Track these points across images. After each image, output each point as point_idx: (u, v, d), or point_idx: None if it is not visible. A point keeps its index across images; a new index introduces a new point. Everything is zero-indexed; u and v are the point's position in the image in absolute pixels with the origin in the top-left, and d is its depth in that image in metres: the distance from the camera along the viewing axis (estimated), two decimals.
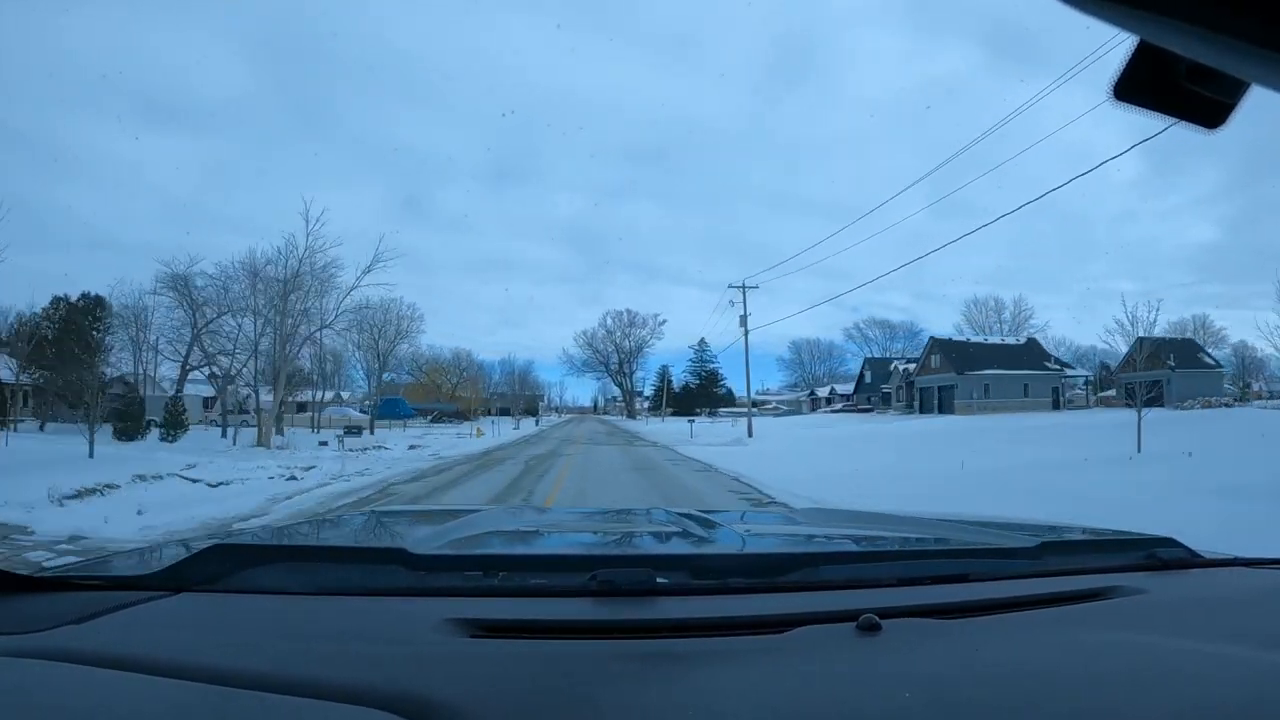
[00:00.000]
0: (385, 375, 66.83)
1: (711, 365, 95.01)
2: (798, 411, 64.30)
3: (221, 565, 0.93)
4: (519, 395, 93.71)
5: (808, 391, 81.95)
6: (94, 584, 0.92)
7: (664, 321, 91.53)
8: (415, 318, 65.47)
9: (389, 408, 49.78)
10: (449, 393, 66.81)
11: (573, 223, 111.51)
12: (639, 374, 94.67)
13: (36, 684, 0.65)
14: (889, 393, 58.73)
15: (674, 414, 73.96)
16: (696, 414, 75.78)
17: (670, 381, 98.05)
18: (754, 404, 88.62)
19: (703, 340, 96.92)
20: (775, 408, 75.51)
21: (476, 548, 1.21)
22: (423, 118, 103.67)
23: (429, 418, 59.00)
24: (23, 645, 0.72)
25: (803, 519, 1.88)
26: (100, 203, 66.04)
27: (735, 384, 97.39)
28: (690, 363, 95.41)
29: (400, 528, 1.63)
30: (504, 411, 77.86)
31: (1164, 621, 0.88)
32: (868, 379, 63.50)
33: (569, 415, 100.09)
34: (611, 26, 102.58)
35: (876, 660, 0.73)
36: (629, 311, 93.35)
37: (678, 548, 1.29)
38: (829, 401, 69.96)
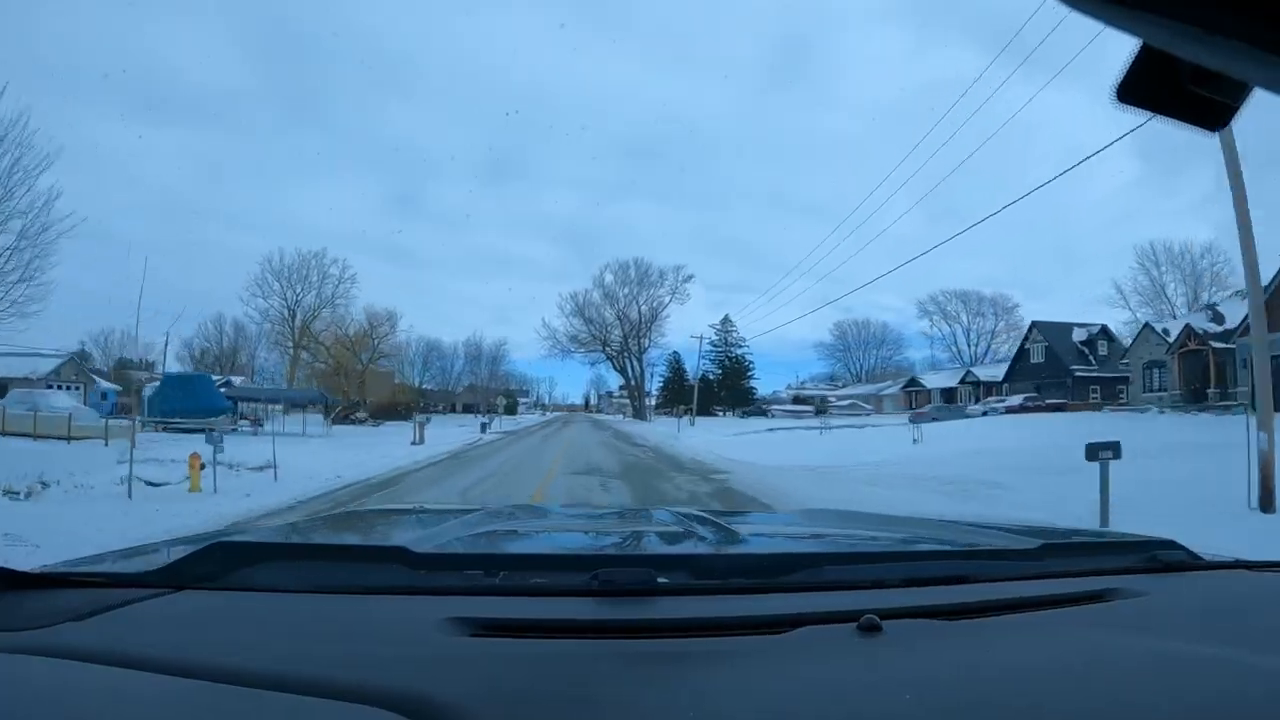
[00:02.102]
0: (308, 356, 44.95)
1: (738, 350, 70.66)
2: (879, 413, 40.47)
3: (222, 563, 0.92)
4: (485, 388, 68.90)
5: (900, 382, 58.53)
6: (94, 581, 0.91)
7: (690, 277, 63.82)
8: (345, 279, 45.88)
9: (177, 394, 25.49)
10: (358, 377, 43.59)
11: (571, 221, 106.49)
12: (652, 352, 67.50)
13: (37, 681, 0.65)
14: (1099, 379, 34.94)
15: (688, 412, 54.74)
16: (715, 413, 51.73)
17: (684, 370, 73.35)
18: (798, 400, 64.96)
19: (727, 318, 71.67)
20: (855, 407, 51.52)
21: (477, 546, 1.20)
22: (423, 117, 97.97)
23: (329, 416, 36.99)
24: (23, 642, 0.72)
25: (804, 519, 1.84)
26: (97, 198, 61.60)
27: (764, 379, 74.43)
28: (711, 347, 71.61)
29: (401, 526, 1.62)
30: (469, 408, 55.83)
31: (1164, 624, 0.87)
32: (1035, 357, 39.70)
33: (557, 412, 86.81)
34: (613, 26, 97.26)
35: (877, 661, 0.72)
36: (639, 262, 63.48)
37: (679, 547, 1.27)
38: (949, 396, 46.05)
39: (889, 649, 0.74)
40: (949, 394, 48.47)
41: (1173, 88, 0.41)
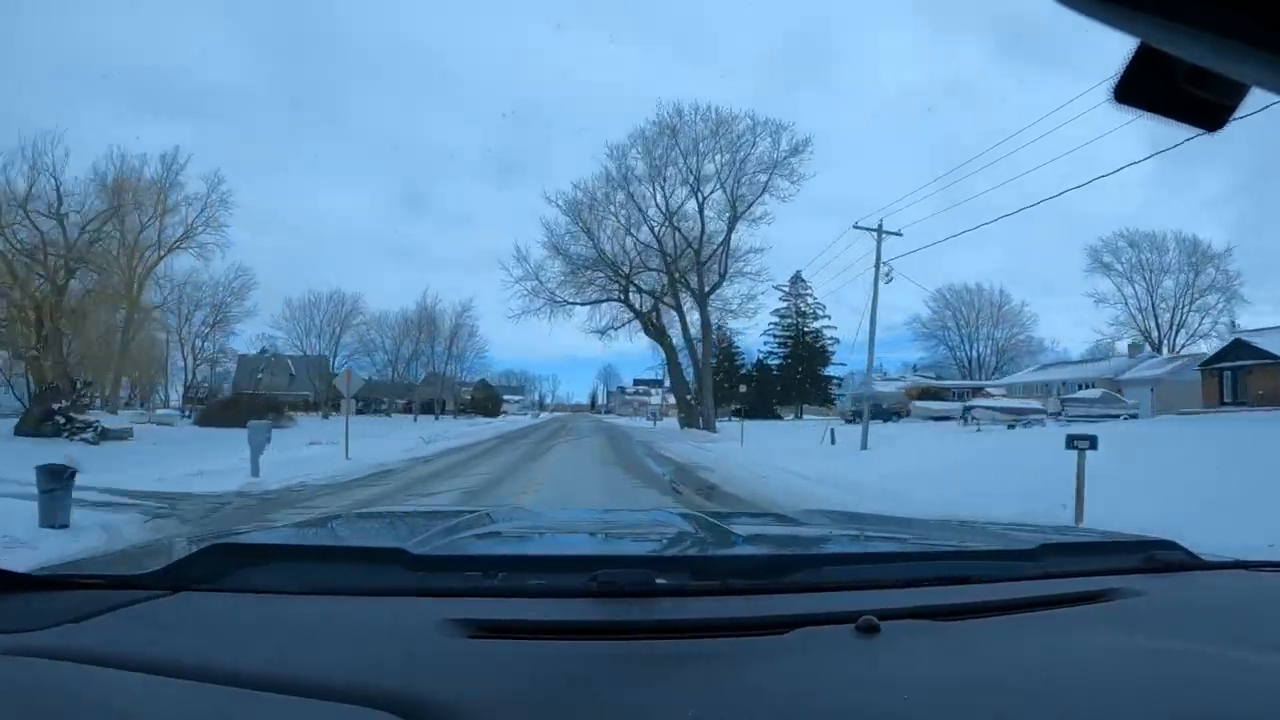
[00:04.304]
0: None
1: (816, 324, 47.29)
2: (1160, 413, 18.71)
3: (220, 565, 0.93)
4: (449, 378, 46.64)
5: (1161, 361, 34.61)
6: (93, 583, 0.92)
7: (805, 143, 31.93)
8: (213, 201, 29.85)
9: None
10: (59, 319, 21.40)
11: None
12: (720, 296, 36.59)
13: (36, 682, 0.66)
14: None
15: (736, 413, 37.67)
16: (780, 415, 30.54)
17: (733, 354, 49.64)
18: (926, 393, 40.60)
19: (798, 277, 46.57)
20: (1109, 400, 28.22)
21: (475, 548, 1.21)
22: (422, 116, 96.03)
23: (23, 421, 20.55)
24: (22, 644, 0.72)
25: (803, 520, 1.86)
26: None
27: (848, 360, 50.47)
28: (775, 319, 47.83)
29: (399, 528, 1.64)
30: (430, 407, 45.16)
31: (1163, 624, 0.88)
32: None
33: (557, 413, 78.17)
34: (612, 26, 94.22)
35: (875, 662, 0.73)
36: (704, 112, 31.95)
37: (678, 548, 1.28)
38: None
39: (887, 650, 0.75)
40: None
41: (1170, 88, 0.40)
